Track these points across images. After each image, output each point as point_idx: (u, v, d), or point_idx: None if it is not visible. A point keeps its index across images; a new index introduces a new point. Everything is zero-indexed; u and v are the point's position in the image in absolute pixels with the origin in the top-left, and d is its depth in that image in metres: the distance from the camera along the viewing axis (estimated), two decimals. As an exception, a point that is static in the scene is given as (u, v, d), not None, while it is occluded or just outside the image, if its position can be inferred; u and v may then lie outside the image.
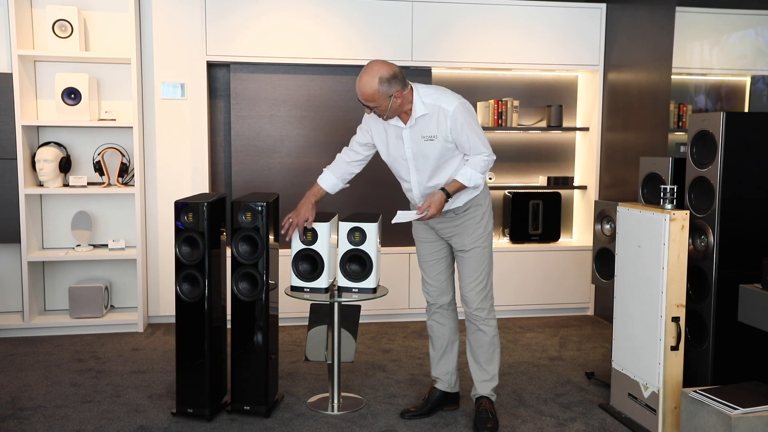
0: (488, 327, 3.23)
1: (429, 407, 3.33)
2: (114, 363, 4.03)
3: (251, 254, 3.19)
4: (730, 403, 2.68)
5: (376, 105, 2.96)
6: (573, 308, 5.29)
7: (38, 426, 3.15)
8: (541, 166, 5.43)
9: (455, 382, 3.39)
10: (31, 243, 4.58)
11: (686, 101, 4.58)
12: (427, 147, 3.05)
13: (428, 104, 3.00)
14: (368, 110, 3.04)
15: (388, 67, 2.95)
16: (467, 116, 3.01)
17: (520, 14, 5.02)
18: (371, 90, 2.92)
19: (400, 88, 2.95)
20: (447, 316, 3.36)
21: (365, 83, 2.93)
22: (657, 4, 4.45)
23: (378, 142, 3.20)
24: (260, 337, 3.22)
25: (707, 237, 3.25)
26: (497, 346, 3.26)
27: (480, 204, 3.17)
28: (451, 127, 2.99)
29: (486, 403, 3.24)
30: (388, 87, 2.92)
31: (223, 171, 5.00)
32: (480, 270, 3.19)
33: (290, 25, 4.75)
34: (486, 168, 3.06)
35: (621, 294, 3.30)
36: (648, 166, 3.64)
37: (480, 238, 3.17)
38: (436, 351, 3.39)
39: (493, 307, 3.25)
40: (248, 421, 3.22)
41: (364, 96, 2.96)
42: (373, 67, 2.95)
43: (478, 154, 3.04)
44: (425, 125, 3.03)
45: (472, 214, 3.17)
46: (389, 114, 3.01)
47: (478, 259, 3.18)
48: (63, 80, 4.50)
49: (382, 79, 2.91)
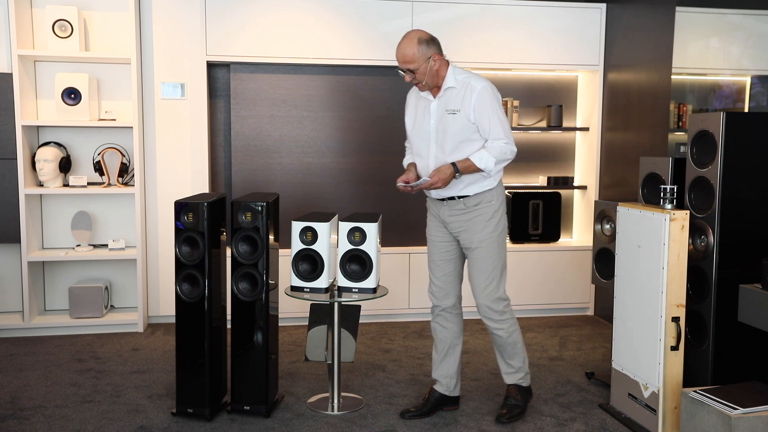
0: (501, 329, 3.23)
1: (428, 407, 3.33)
2: (114, 363, 4.03)
3: (251, 254, 3.19)
4: (730, 403, 2.68)
5: (416, 67, 3.07)
6: (573, 308, 5.29)
7: (38, 426, 3.15)
8: (541, 166, 5.43)
9: (455, 387, 3.38)
10: (31, 243, 4.58)
11: (686, 101, 4.58)
12: (449, 120, 3.12)
13: (459, 80, 3.14)
14: (408, 76, 3.12)
15: (426, 33, 3.11)
16: (492, 98, 3.10)
17: (520, 14, 5.02)
18: (411, 51, 3.05)
19: (438, 52, 3.10)
20: (450, 319, 3.34)
21: (405, 45, 3.08)
22: (657, 4, 4.45)
23: (407, 115, 3.33)
24: (260, 337, 3.22)
25: (707, 237, 3.25)
26: (517, 342, 3.27)
27: (491, 201, 3.18)
28: (475, 104, 3.07)
29: (512, 389, 3.32)
30: (426, 48, 3.06)
31: (223, 171, 5.00)
32: (487, 271, 3.19)
33: (290, 25, 4.76)
34: (501, 155, 3.10)
35: (621, 294, 3.30)
36: (648, 166, 3.64)
37: (488, 238, 3.17)
38: (437, 353, 3.38)
39: (506, 307, 3.24)
40: (248, 421, 3.22)
41: (404, 58, 3.08)
42: (411, 32, 3.12)
43: (496, 138, 3.09)
44: (451, 98, 3.13)
45: (482, 210, 3.17)
46: (427, 79, 3.10)
47: (485, 259, 3.18)
48: (63, 80, 4.50)
49: (421, 40, 3.06)
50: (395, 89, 4.95)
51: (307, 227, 3.26)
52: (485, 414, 3.35)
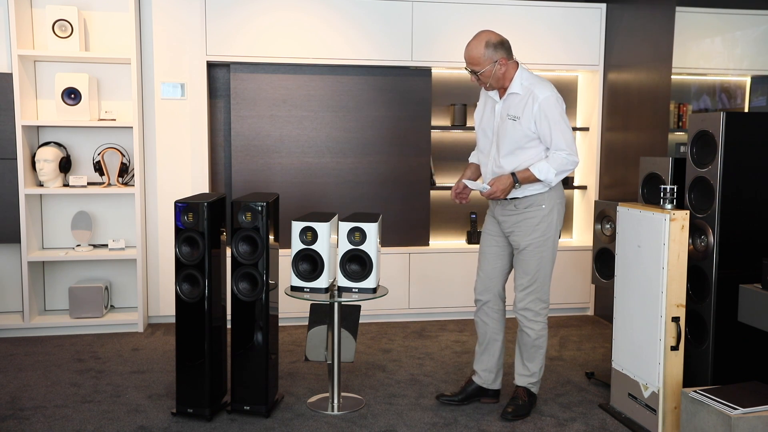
0: (532, 329, 3.27)
1: (463, 396, 3.42)
2: (114, 363, 4.03)
3: (251, 254, 3.19)
4: (730, 403, 2.68)
5: (481, 69, 3.08)
6: (573, 308, 5.29)
7: (38, 426, 3.15)
8: (541, 166, 5.43)
9: (494, 381, 3.44)
10: (31, 243, 4.58)
11: (686, 101, 4.58)
12: (508, 125, 3.14)
13: (524, 86, 3.13)
14: (473, 77, 3.15)
15: (496, 35, 3.11)
16: (555, 108, 3.09)
17: (520, 14, 5.02)
18: (478, 53, 3.07)
19: (506, 56, 3.10)
20: (490, 315, 3.40)
21: (473, 47, 3.09)
22: (657, 4, 4.45)
23: (477, 111, 3.38)
24: (260, 337, 3.22)
25: (707, 237, 3.25)
26: (541, 347, 3.31)
27: (541, 205, 3.19)
28: (536, 114, 3.08)
29: (521, 390, 3.34)
30: (493, 52, 3.07)
31: (223, 171, 5.00)
32: (531, 271, 3.22)
33: (290, 25, 4.75)
34: (563, 167, 3.10)
35: (621, 294, 3.30)
36: (648, 166, 3.64)
37: (535, 241, 3.19)
38: (479, 346, 3.45)
39: (543, 310, 3.27)
40: (248, 421, 3.22)
41: (470, 59, 3.10)
42: (482, 33, 3.11)
43: (560, 149, 3.10)
44: (514, 104, 3.14)
45: (532, 213, 3.19)
46: (492, 81, 3.12)
47: (529, 260, 3.22)
48: (63, 80, 4.50)
49: (489, 43, 3.07)
50: (395, 89, 4.95)
51: (307, 227, 3.26)
52: (485, 414, 3.35)
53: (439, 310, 5.02)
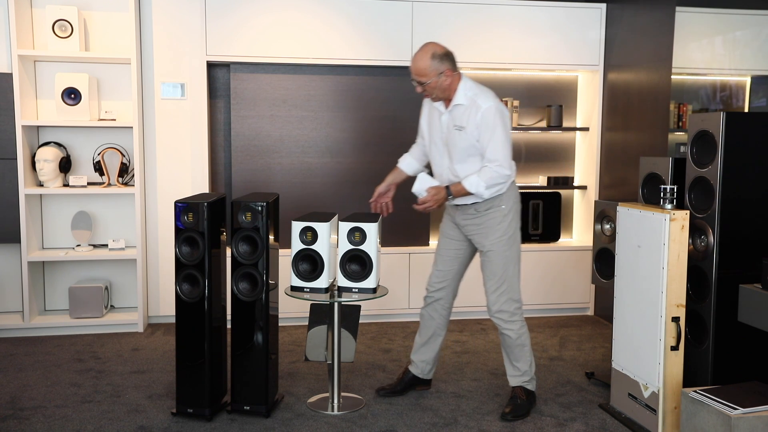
0: (511, 330, 3.30)
1: (402, 387, 3.56)
2: (114, 363, 4.03)
3: (251, 254, 3.19)
4: (730, 403, 2.68)
5: (427, 80, 3.12)
6: (573, 308, 5.29)
7: (38, 426, 3.15)
8: (541, 166, 5.43)
9: (429, 372, 3.58)
10: (31, 243, 4.58)
11: (686, 101, 4.58)
12: (455, 136, 3.19)
13: (468, 96, 3.17)
14: (419, 88, 3.18)
15: (441, 47, 3.17)
16: (497, 119, 3.12)
17: (520, 14, 5.02)
18: (424, 64, 3.11)
19: (451, 67, 3.14)
20: (439, 311, 3.50)
21: (419, 58, 3.13)
22: (657, 4, 4.45)
23: (423, 122, 3.40)
24: (260, 337, 3.22)
25: (707, 237, 3.25)
26: (525, 345, 3.34)
27: (501, 206, 3.24)
28: (478, 124, 3.12)
29: (518, 389, 3.38)
30: (439, 63, 3.11)
31: (223, 171, 5.00)
32: (499, 274, 3.27)
33: (290, 25, 4.75)
34: (493, 180, 3.14)
35: (621, 294, 3.30)
36: (648, 166, 3.64)
37: (499, 241, 3.25)
38: (420, 338, 3.57)
39: (516, 311, 3.31)
40: (248, 421, 3.22)
41: (416, 70, 3.14)
42: (427, 45, 3.17)
43: (492, 160, 3.13)
44: (459, 115, 3.18)
45: (493, 214, 3.25)
46: (437, 93, 3.17)
47: (496, 262, 3.27)
48: (63, 80, 4.49)
49: (435, 55, 3.12)
50: (395, 89, 4.95)
51: (307, 227, 3.26)
52: (485, 414, 3.35)
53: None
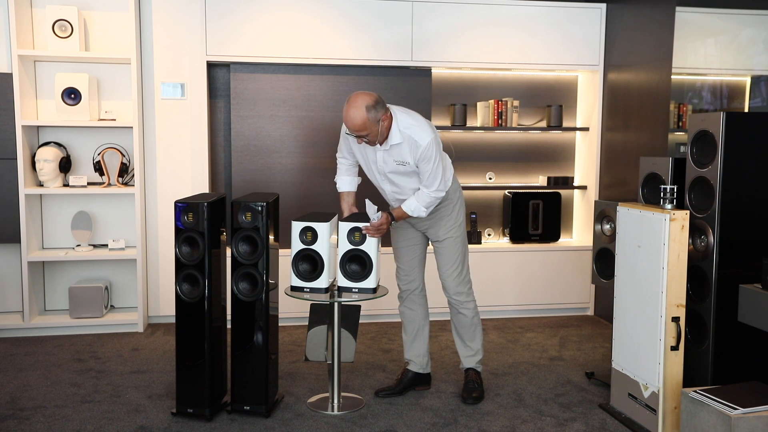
0: (467, 309, 3.51)
1: (402, 387, 3.59)
2: (114, 363, 4.03)
3: (251, 254, 3.19)
4: (730, 403, 2.68)
5: (368, 132, 3.14)
6: (573, 308, 5.29)
7: (38, 426, 3.15)
8: (541, 166, 5.43)
9: (427, 364, 3.64)
10: (31, 243, 4.58)
11: (686, 101, 4.58)
12: (400, 169, 3.29)
13: (404, 133, 3.19)
14: (359, 140, 3.20)
15: (369, 96, 3.12)
16: (435, 152, 3.22)
17: (520, 14, 5.02)
18: (361, 119, 3.09)
19: (384, 111, 3.15)
20: (417, 302, 3.61)
21: (354, 115, 3.10)
22: (657, 4, 4.45)
23: (353, 149, 3.42)
24: (260, 337, 3.22)
25: (707, 237, 3.25)
26: (478, 324, 3.56)
27: (450, 199, 3.43)
28: (420, 158, 3.20)
29: (473, 374, 3.56)
30: (375, 113, 3.11)
31: (223, 171, 5.00)
32: (455, 258, 3.46)
33: (290, 24, 4.76)
34: (431, 203, 3.30)
35: (621, 294, 3.30)
36: (648, 166, 3.64)
37: (452, 229, 3.44)
38: (408, 335, 3.64)
39: (470, 290, 3.53)
40: (248, 421, 3.22)
41: (355, 127, 3.12)
42: (356, 99, 3.11)
43: (428, 187, 3.25)
44: (399, 152, 3.24)
45: (444, 207, 3.42)
46: (380, 138, 3.19)
47: (451, 248, 3.45)
48: (63, 80, 4.50)
49: (369, 107, 3.10)
50: (395, 89, 4.95)
51: (307, 227, 3.26)
52: (485, 414, 3.35)
53: (438, 310, 5.01)
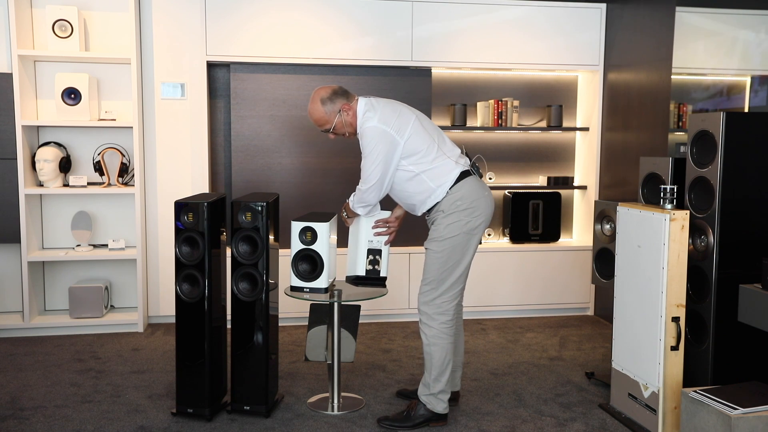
0: (423, 333, 3.15)
1: None
2: (114, 363, 4.03)
3: (251, 254, 3.19)
4: (730, 403, 2.68)
5: (331, 125, 3.12)
6: (573, 308, 5.29)
7: (38, 426, 3.15)
8: (541, 166, 5.43)
9: (458, 380, 3.43)
10: (31, 243, 4.58)
11: (686, 101, 4.58)
12: None
13: (360, 123, 3.12)
14: (331, 135, 3.19)
15: (326, 88, 3.13)
16: (369, 140, 3.06)
17: (520, 14, 5.02)
18: (318, 113, 3.11)
19: (345, 100, 3.12)
20: None
21: (311, 110, 3.14)
22: (657, 4, 4.45)
23: None
24: (260, 337, 3.22)
25: (707, 237, 3.25)
26: (432, 356, 3.12)
27: (442, 211, 3.12)
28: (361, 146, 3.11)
29: (414, 403, 3.21)
30: (331, 104, 3.10)
31: (223, 171, 5.00)
32: (429, 274, 3.15)
33: (290, 25, 4.76)
34: (360, 202, 3.21)
35: (621, 294, 3.30)
36: (648, 166, 3.64)
37: (434, 241, 3.13)
38: None
39: (439, 316, 3.11)
40: (248, 421, 3.22)
41: (316, 122, 3.14)
42: (314, 94, 3.14)
43: (361, 179, 3.15)
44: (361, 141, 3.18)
45: (436, 218, 3.16)
46: (347, 130, 3.15)
47: (429, 261, 3.15)
48: (63, 80, 4.50)
49: (324, 99, 3.10)
50: (395, 89, 4.95)
51: (307, 227, 3.26)
52: (485, 414, 3.35)
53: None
